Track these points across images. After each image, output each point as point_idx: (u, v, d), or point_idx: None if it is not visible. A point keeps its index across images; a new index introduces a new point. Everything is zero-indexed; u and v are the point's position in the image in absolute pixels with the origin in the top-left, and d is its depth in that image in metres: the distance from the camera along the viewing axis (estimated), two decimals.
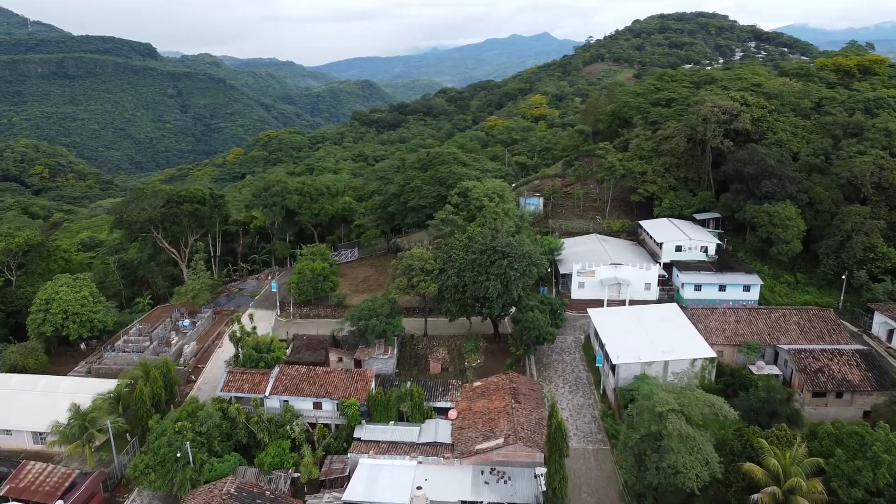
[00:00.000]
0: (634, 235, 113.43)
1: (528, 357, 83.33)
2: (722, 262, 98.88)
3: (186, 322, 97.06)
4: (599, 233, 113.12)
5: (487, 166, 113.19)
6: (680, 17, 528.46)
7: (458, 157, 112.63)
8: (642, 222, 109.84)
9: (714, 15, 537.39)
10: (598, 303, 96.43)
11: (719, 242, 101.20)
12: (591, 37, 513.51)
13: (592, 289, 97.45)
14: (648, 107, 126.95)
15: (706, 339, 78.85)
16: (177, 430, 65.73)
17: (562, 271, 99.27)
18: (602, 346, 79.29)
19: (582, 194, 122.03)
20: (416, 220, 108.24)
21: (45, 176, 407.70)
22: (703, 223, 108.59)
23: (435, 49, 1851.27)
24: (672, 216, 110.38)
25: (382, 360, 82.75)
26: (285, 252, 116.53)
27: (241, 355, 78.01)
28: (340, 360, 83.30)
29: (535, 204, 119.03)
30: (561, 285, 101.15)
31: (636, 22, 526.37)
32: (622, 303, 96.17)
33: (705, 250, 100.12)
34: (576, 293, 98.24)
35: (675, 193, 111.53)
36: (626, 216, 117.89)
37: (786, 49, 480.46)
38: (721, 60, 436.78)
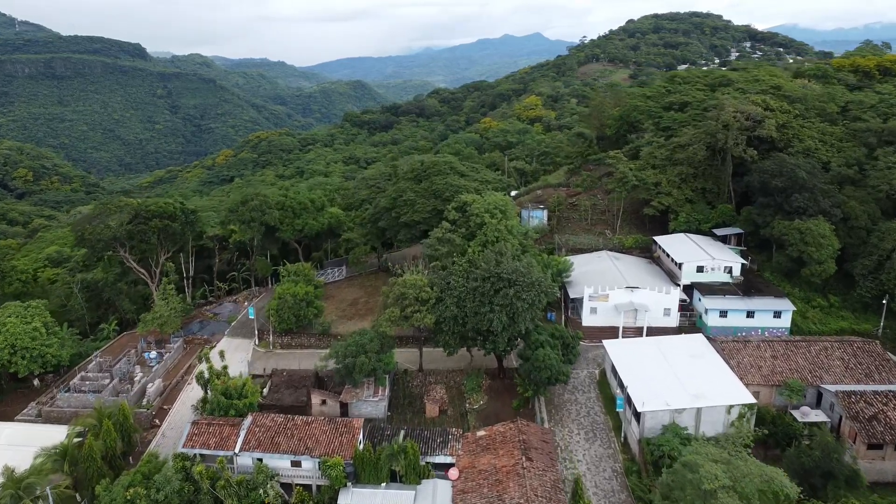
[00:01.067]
0: (648, 252, 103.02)
1: (538, 398, 72.70)
2: (748, 285, 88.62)
3: (153, 354, 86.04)
4: (610, 249, 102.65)
5: (487, 177, 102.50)
6: (674, 17, 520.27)
7: (455, 167, 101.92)
8: (657, 238, 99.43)
9: (708, 15, 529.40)
10: (611, 330, 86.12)
11: (744, 262, 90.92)
12: (584, 36, 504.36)
13: (606, 315, 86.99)
14: (660, 111, 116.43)
15: (740, 378, 68.78)
16: (128, 498, 55.10)
17: (571, 295, 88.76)
18: (623, 387, 68.84)
19: (589, 206, 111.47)
20: (409, 236, 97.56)
21: (30, 179, 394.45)
22: (724, 239, 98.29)
23: (427, 49, 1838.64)
24: (689, 231, 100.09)
25: (372, 403, 72.06)
26: (266, 271, 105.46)
27: (209, 400, 67.20)
28: (324, 402, 72.52)
29: (539, 217, 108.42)
30: (570, 310, 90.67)
31: (630, 22, 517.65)
32: (639, 330, 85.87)
33: (729, 271, 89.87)
34: (587, 319, 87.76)
35: (692, 206, 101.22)
36: (637, 231, 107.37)
37: (781, 49, 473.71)
38: (717, 61, 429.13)
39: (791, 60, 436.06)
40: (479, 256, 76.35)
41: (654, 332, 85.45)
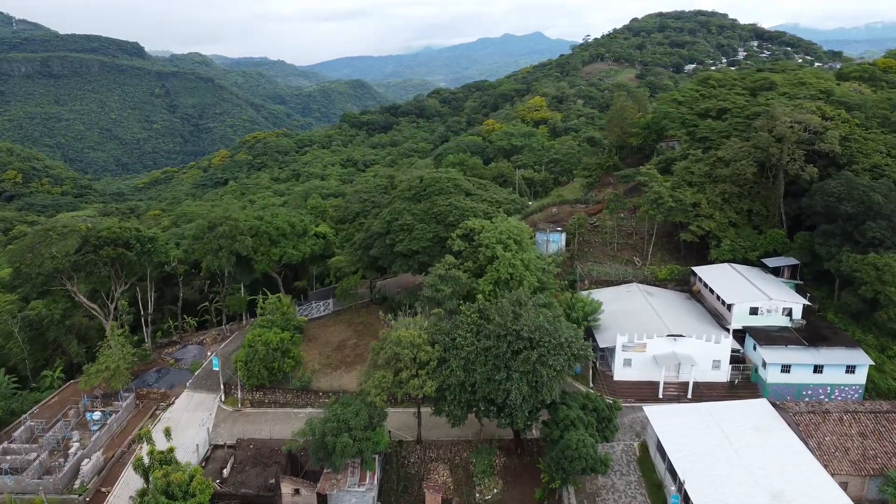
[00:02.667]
0: (685, 284, 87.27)
1: (566, 486, 57.05)
2: (813, 331, 72.75)
3: (96, 415, 70.35)
4: (640, 281, 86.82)
5: (498, 196, 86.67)
6: (679, 16, 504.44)
7: (460, 185, 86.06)
8: (698, 270, 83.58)
9: (713, 13, 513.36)
10: (649, 385, 70.72)
11: (807, 303, 75.05)
12: (588, 35, 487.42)
13: (642, 367, 71.32)
14: (694, 119, 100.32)
15: (823, 465, 53.36)
16: None
17: (601, 344, 72.90)
18: (675, 477, 53.34)
19: (614, 228, 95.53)
20: (406, 268, 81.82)
21: (19, 181, 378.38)
22: (776, 272, 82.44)
23: (427, 48, 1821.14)
24: (733, 261, 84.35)
25: (357, 494, 56.36)
26: (239, 307, 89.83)
27: (147, 499, 51.53)
28: (297, 492, 56.89)
29: (556, 242, 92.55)
30: (599, 360, 74.87)
31: (634, 20, 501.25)
32: (682, 386, 70.37)
33: (789, 313, 74.05)
34: (620, 372, 72.04)
35: (737, 231, 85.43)
36: (671, 257, 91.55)
37: (789, 48, 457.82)
38: (724, 60, 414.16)
39: (801, 60, 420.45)
40: (491, 305, 60.68)
41: (700, 387, 70.19)
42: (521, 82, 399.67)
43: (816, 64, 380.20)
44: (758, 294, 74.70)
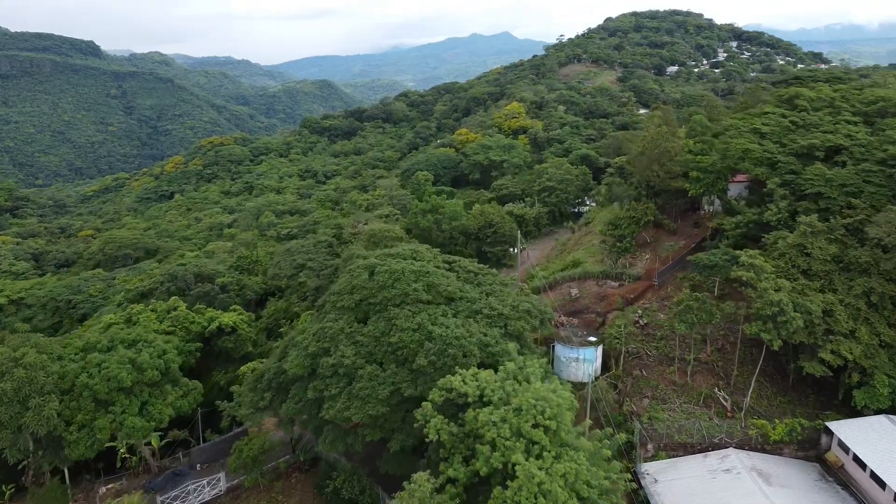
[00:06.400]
0: (810, 446, 51.46)
1: None
2: None
3: None
4: (739, 443, 50.72)
5: (502, 304, 49.19)
6: (653, 16, 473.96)
7: (436, 284, 48.86)
8: (841, 431, 47.78)
9: (689, 13, 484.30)
10: None
11: None
12: (562, 35, 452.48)
13: None
14: (790, 161, 63.50)
15: None
16: None
17: None
18: None
19: (678, 329, 59.11)
20: (342, 446, 44.57)
21: None
22: None
23: (396, 48, 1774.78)
24: (892, 410, 49.05)
25: None
26: (58, 501, 51.87)
27: None
28: None
29: (590, 360, 56.21)
30: None
31: (609, 20, 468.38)
32: None
33: None
34: None
35: (891, 358, 50.01)
36: (775, 390, 55.09)
37: (769, 49, 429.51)
38: (705, 62, 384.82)
39: (782, 62, 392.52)
40: None
41: None
42: (494, 84, 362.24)
43: (799, 66, 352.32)
44: None
